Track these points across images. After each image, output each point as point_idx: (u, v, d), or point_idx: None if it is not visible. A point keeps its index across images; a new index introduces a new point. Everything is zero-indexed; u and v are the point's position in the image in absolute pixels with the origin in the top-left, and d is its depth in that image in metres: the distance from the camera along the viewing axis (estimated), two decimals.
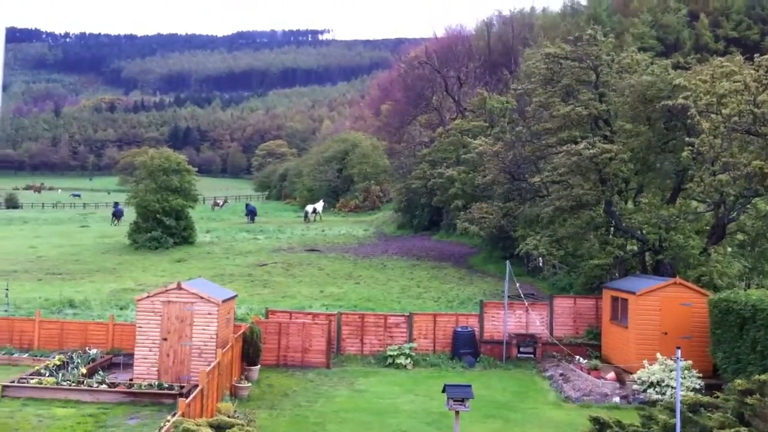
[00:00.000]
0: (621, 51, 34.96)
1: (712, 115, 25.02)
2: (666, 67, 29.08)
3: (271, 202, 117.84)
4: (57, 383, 20.73)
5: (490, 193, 39.81)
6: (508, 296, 27.34)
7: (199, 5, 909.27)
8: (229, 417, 16.96)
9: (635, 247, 29.19)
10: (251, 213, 76.14)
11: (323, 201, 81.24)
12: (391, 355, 25.66)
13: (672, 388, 19.46)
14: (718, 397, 15.28)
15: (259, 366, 23.39)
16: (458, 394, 15.68)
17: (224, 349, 20.10)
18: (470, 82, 72.76)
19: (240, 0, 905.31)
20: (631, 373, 21.62)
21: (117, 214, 74.89)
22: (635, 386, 20.92)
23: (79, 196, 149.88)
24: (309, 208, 76.73)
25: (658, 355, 21.11)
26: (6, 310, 29.55)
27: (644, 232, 27.34)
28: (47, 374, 21.50)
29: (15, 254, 49.21)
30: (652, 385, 20.40)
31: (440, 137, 55.44)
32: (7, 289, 30.89)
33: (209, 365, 18.85)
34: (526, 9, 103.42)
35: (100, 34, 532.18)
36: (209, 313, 21.40)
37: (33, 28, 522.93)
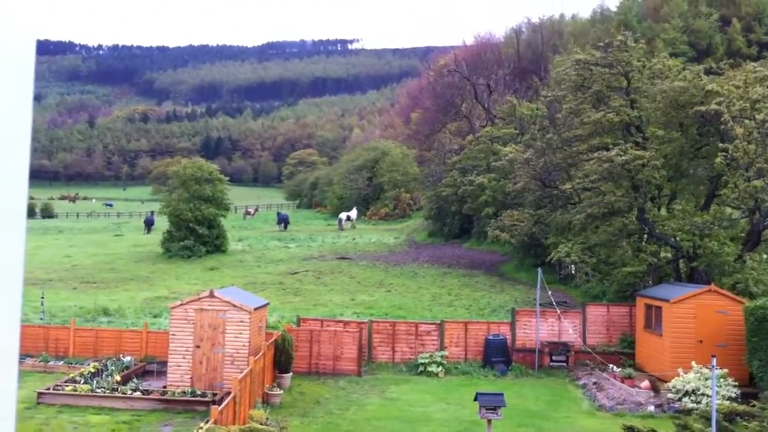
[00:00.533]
0: (652, 57, 34.70)
1: (746, 121, 24.75)
2: (698, 73, 28.81)
3: (301, 210, 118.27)
4: (91, 390, 20.98)
5: (520, 201, 39.67)
6: (540, 304, 27.18)
7: (230, 17, 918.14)
8: (261, 424, 17.07)
9: (669, 255, 28.90)
10: (283, 221, 76.29)
11: (355, 209, 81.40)
12: (422, 363, 25.63)
13: (707, 396, 19.22)
14: (754, 405, 15.09)
15: (291, 373, 23.50)
16: (490, 403, 15.64)
17: (256, 357, 20.23)
18: (500, 90, 72.63)
19: (270, 11, 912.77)
20: (666, 382, 21.39)
21: (147, 223, 75.83)
22: (670, 395, 20.69)
23: (111, 205, 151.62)
24: (343, 215, 76.97)
25: (693, 363, 20.87)
26: (42, 318, 29.98)
27: (678, 239, 27.07)
28: (82, 381, 21.77)
29: (50, 263, 49.93)
30: (687, 393, 20.17)
31: (470, 145, 55.38)
32: (42, 298, 31.35)
33: (242, 372, 18.98)
34: (555, 16, 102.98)
35: (132, 45, 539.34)
36: (241, 321, 21.55)
37: (67, 41, 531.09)
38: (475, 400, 16.38)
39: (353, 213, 78.31)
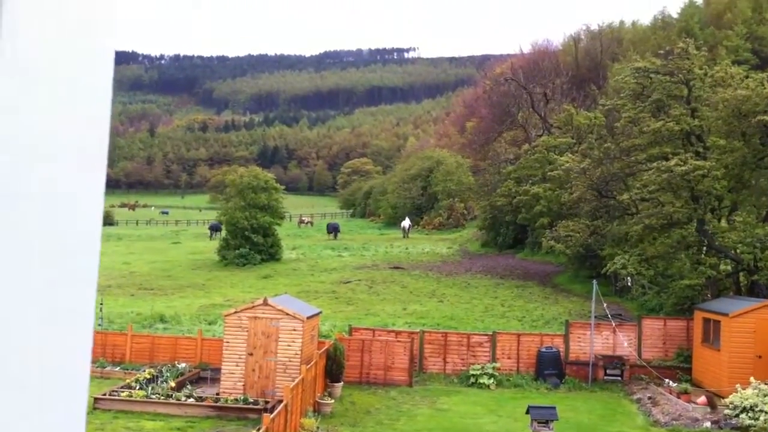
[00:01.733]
0: (714, 64, 33.96)
1: None
2: (762, 81, 28.11)
3: (355, 219, 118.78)
4: (146, 396, 21.30)
5: (576, 211, 39.12)
6: (595, 317, 26.75)
7: (288, 26, 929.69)
8: None
9: (729, 267, 28.20)
10: (334, 230, 77.30)
11: (408, 219, 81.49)
12: (473, 375, 25.44)
13: (766, 413, 18.65)
14: None
15: (342, 383, 23.53)
16: (542, 416, 15.44)
17: (308, 366, 20.32)
18: (557, 98, 71.90)
19: (327, 20, 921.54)
20: (723, 398, 20.83)
21: (213, 228, 77.57)
22: (727, 411, 20.13)
23: (167, 213, 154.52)
24: (405, 223, 77.56)
25: (752, 379, 20.28)
26: (100, 325, 30.61)
27: (738, 251, 26.39)
28: (137, 387, 22.11)
29: (109, 270, 51.01)
30: (744, 410, 19.59)
31: (526, 154, 54.88)
32: (101, 304, 32.01)
33: (293, 381, 19.07)
34: (614, 23, 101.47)
35: (193, 56, 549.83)
36: (294, 330, 21.68)
37: (130, 51, 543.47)
38: (527, 413, 16.19)
39: (407, 222, 78.50)
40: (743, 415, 19.55)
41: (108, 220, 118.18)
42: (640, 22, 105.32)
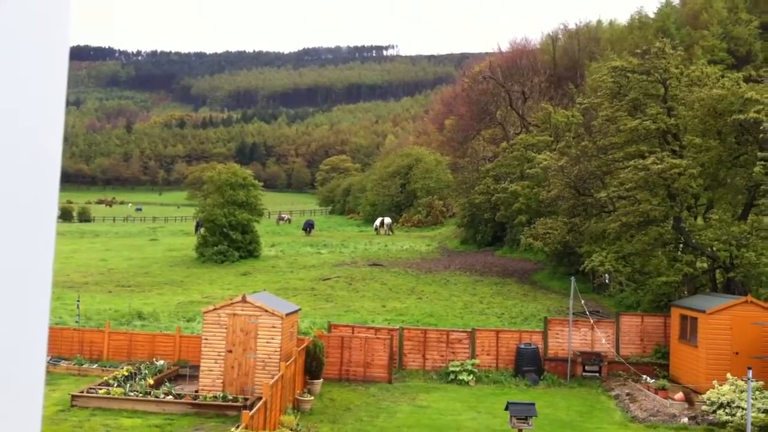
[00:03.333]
0: (690, 64, 34.27)
1: None
2: (737, 80, 28.42)
3: (334, 216, 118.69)
4: (124, 394, 21.17)
5: (554, 209, 39.38)
6: (573, 313, 26.93)
7: (267, 23, 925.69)
8: (291, 430, 17.11)
9: (705, 265, 28.50)
10: (309, 226, 78.09)
11: (387, 218, 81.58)
12: (453, 371, 25.52)
13: (743, 409, 18.87)
14: None
15: (322, 380, 23.53)
16: (521, 412, 15.52)
17: (288, 362, 20.29)
18: (535, 97, 72.25)
19: (306, 17, 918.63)
20: (701, 394, 21.07)
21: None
22: (704, 407, 20.36)
23: (140, 209, 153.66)
24: (377, 222, 77.92)
25: (729, 375, 20.53)
26: (77, 322, 30.38)
27: (714, 249, 26.68)
28: (115, 385, 21.97)
29: (86, 267, 50.62)
30: (722, 406, 19.83)
31: (504, 152, 55.13)
32: (78, 301, 31.76)
33: (273, 378, 19.04)
34: (592, 22, 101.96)
35: (170, 52, 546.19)
36: (273, 327, 21.64)
37: (106, 47, 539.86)
38: (506, 409, 16.26)
39: (387, 220, 78.68)
40: (720, 411, 19.77)
41: (84, 217, 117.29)
42: (617, 21, 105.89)
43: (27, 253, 1.04)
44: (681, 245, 28.81)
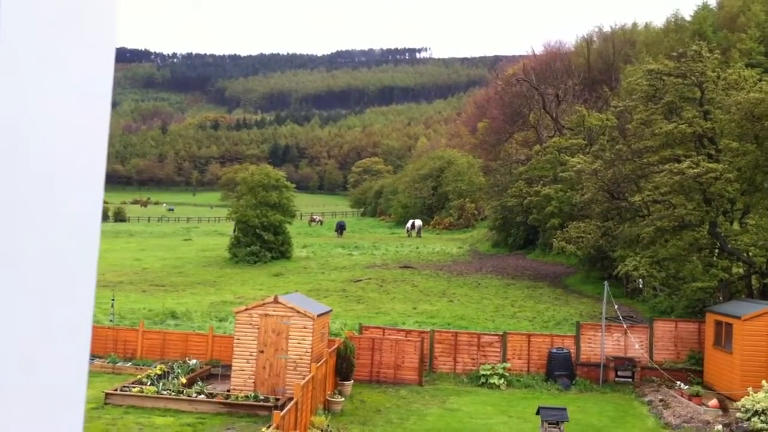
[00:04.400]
0: (727, 67, 33.86)
1: None
2: None
3: (366, 218, 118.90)
4: (157, 392, 21.36)
5: (588, 212, 39.03)
6: (606, 318, 26.70)
7: (301, 26, 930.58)
8: (322, 431, 17.17)
9: (741, 270, 28.10)
10: (340, 228, 78.45)
11: (419, 220, 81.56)
12: (484, 375, 25.43)
13: None
14: None
15: (352, 381, 23.57)
16: (553, 417, 15.43)
17: (319, 363, 20.36)
18: (569, 100, 71.72)
19: (340, 20, 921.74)
20: (735, 401, 20.76)
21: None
22: (739, 414, 20.06)
23: (172, 210, 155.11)
24: (408, 224, 78.07)
25: (764, 382, 20.20)
26: (111, 320, 30.75)
27: (751, 254, 26.30)
28: (148, 383, 22.18)
29: (121, 266, 51.24)
30: (756, 413, 19.51)
31: (537, 155, 54.80)
32: (112, 300, 32.15)
33: (304, 379, 19.11)
34: (627, 25, 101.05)
35: (205, 54, 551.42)
36: (305, 327, 21.73)
37: (143, 49, 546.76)
38: (537, 413, 16.19)
39: (417, 222, 78.65)
40: (755, 419, 19.47)
41: (120, 217, 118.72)
42: (653, 24, 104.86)
43: (72, 254, 1.06)
44: (716, 250, 28.43)
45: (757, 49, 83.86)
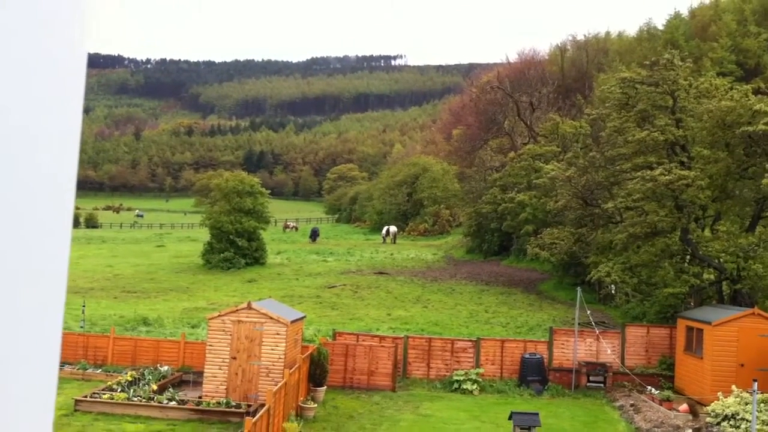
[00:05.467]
0: (699, 76, 34.25)
1: None
2: (746, 93, 28.33)
3: (341, 224, 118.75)
4: (128, 399, 21.16)
5: (561, 219, 39.29)
6: (579, 324, 26.83)
7: (276, 32, 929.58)
8: None
9: (712, 276, 28.38)
10: (314, 234, 78.55)
11: (394, 226, 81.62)
12: (457, 380, 25.44)
13: (747, 422, 18.73)
14: None
15: (326, 387, 23.47)
16: (525, 422, 15.44)
17: (292, 370, 20.25)
18: (543, 107, 72.23)
19: (315, 26, 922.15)
20: (705, 405, 20.93)
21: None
22: (709, 419, 20.23)
23: (142, 216, 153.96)
24: (384, 231, 78.20)
25: (734, 387, 20.39)
26: (82, 327, 30.40)
27: (721, 260, 26.56)
28: (119, 390, 21.97)
29: (93, 272, 50.71)
30: (726, 418, 19.70)
31: (512, 162, 55.08)
32: (83, 306, 31.80)
33: (276, 385, 19.00)
34: (601, 33, 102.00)
35: (179, 60, 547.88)
36: (278, 334, 21.61)
37: (116, 55, 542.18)
38: (510, 419, 16.20)
39: (393, 228, 78.73)
40: (725, 423, 19.64)
41: (92, 223, 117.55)
42: (625, 33, 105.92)
43: (43, 260, 1.04)
44: (688, 257, 28.70)
45: (729, 58, 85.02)
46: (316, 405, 21.96)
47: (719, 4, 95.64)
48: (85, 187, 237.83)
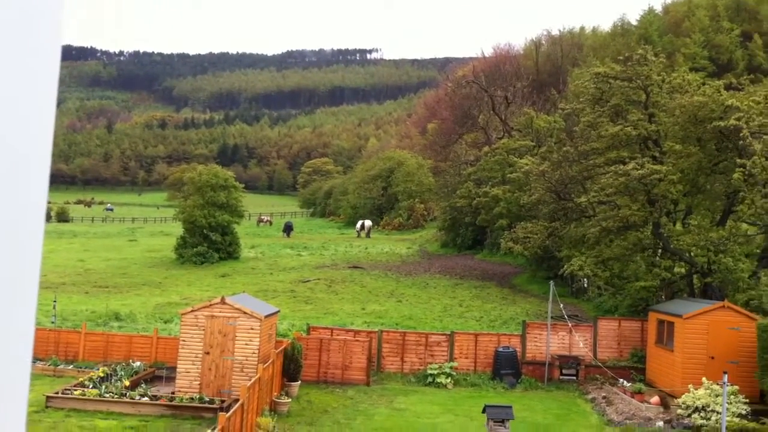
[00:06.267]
0: (672, 71, 34.50)
1: (765, 137, 24.55)
2: (718, 88, 28.60)
3: (315, 219, 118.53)
4: (100, 395, 20.94)
5: (535, 213, 39.44)
6: (552, 317, 26.99)
7: (251, 25, 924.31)
8: None
9: (683, 270, 28.66)
10: (287, 228, 78.22)
11: (369, 220, 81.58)
12: (431, 374, 25.49)
13: (717, 413, 18.97)
14: (765, 423, 14.86)
15: (300, 382, 23.43)
16: (499, 416, 15.51)
17: (265, 365, 20.17)
18: (517, 102, 72.49)
19: (290, 19, 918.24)
20: (676, 398, 21.16)
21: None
22: (680, 411, 20.46)
23: (111, 209, 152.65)
24: (358, 225, 78.04)
25: (704, 379, 20.64)
26: (53, 322, 30.05)
27: (692, 254, 26.83)
28: (91, 386, 21.74)
29: (64, 267, 50.16)
30: (697, 410, 19.93)
31: (486, 156, 55.23)
32: (54, 301, 31.44)
33: (250, 380, 18.92)
34: (575, 28, 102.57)
35: (153, 52, 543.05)
36: (252, 328, 21.51)
37: (89, 47, 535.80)
38: (484, 412, 16.25)
39: (367, 223, 78.67)
40: (695, 415, 19.87)
41: (63, 217, 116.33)
42: (600, 28, 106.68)
43: (15, 254, 1.01)
44: (659, 250, 28.97)
45: (701, 54, 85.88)
46: (290, 400, 21.90)
47: (692, 0, 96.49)
48: (56, 180, 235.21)
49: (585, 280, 36.09)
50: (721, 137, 27.12)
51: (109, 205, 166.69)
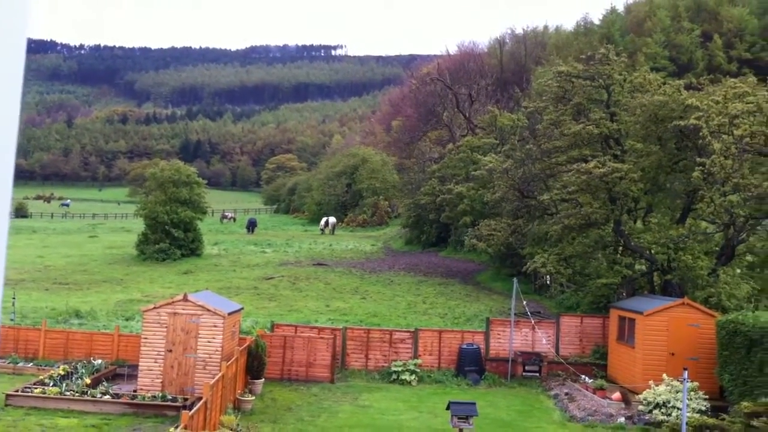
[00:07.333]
0: (633, 70, 34.93)
1: (724, 136, 24.94)
2: (678, 88, 28.99)
3: (279, 215, 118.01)
4: (60, 393, 20.65)
5: (498, 210, 39.69)
6: (515, 314, 27.19)
7: (214, 19, 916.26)
8: (231, 430, 16.90)
9: (643, 267, 29.04)
10: (251, 225, 77.79)
11: (333, 217, 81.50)
12: (395, 371, 25.53)
13: (678, 409, 19.26)
14: (724, 419, 15.13)
15: (263, 379, 23.31)
16: (462, 412, 15.58)
17: (229, 362, 20.04)
18: (481, 100, 72.90)
19: (254, 15, 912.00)
20: (637, 394, 21.44)
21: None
22: (641, 407, 20.73)
23: (68, 204, 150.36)
24: (322, 222, 77.95)
25: (665, 375, 20.93)
26: (12, 319, 29.52)
27: (653, 251, 27.20)
28: (51, 384, 21.42)
29: (22, 264, 49.32)
30: (657, 406, 20.21)
31: (450, 154, 55.47)
32: (14, 299, 30.89)
33: (213, 378, 18.78)
34: (539, 27, 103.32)
35: (114, 46, 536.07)
36: (215, 326, 21.35)
37: (48, 40, 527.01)
38: (448, 408, 16.32)
39: (332, 220, 78.64)
40: (656, 411, 20.15)
41: (21, 213, 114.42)
42: (563, 27, 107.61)
43: None
44: (621, 248, 29.31)
45: (662, 53, 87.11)
46: (254, 398, 21.78)
47: (654, 0, 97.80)
48: (15, 176, 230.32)
49: (548, 277, 36.41)
50: (681, 136, 27.51)
51: (66, 200, 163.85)
